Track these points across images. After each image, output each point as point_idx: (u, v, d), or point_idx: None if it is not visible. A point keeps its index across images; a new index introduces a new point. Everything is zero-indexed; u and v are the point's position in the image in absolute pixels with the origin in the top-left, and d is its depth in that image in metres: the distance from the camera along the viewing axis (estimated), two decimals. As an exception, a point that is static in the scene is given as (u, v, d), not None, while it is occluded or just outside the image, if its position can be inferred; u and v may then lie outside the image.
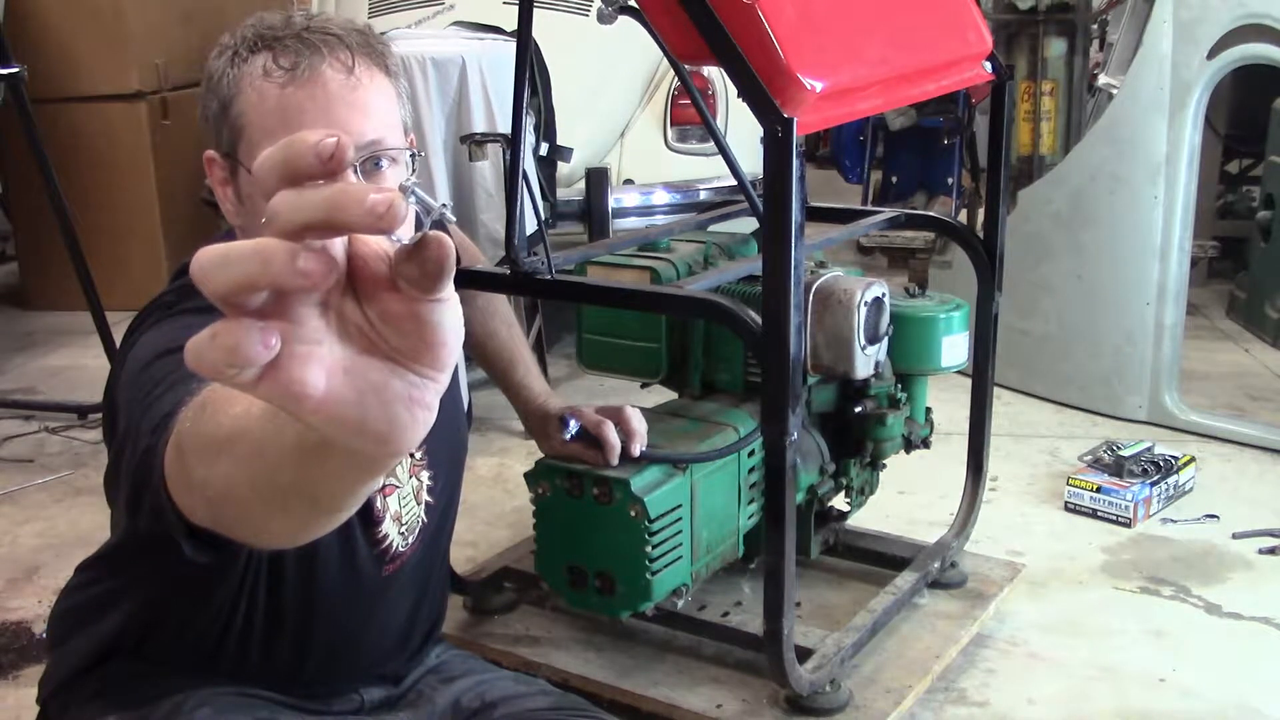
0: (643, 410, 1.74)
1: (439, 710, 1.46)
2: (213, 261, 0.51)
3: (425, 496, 1.41)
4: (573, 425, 1.66)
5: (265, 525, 0.75)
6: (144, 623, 1.32)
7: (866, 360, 1.84)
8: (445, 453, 1.47)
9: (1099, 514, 2.69)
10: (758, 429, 1.72)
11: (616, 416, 1.67)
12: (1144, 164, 3.20)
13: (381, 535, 1.35)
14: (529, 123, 2.61)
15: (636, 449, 1.66)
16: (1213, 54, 3.06)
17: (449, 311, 0.56)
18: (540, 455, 1.76)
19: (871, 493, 2.20)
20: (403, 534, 1.38)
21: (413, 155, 1.23)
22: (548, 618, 2.03)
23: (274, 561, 1.26)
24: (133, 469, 0.99)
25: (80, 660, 1.34)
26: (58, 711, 1.35)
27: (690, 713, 1.79)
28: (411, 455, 1.40)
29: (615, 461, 1.65)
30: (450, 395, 1.52)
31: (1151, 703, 2.01)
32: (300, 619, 1.32)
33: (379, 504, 1.34)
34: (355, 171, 1.14)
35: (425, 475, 1.42)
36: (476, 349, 1.79)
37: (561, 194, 3.45)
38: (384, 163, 1.18)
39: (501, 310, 1.80)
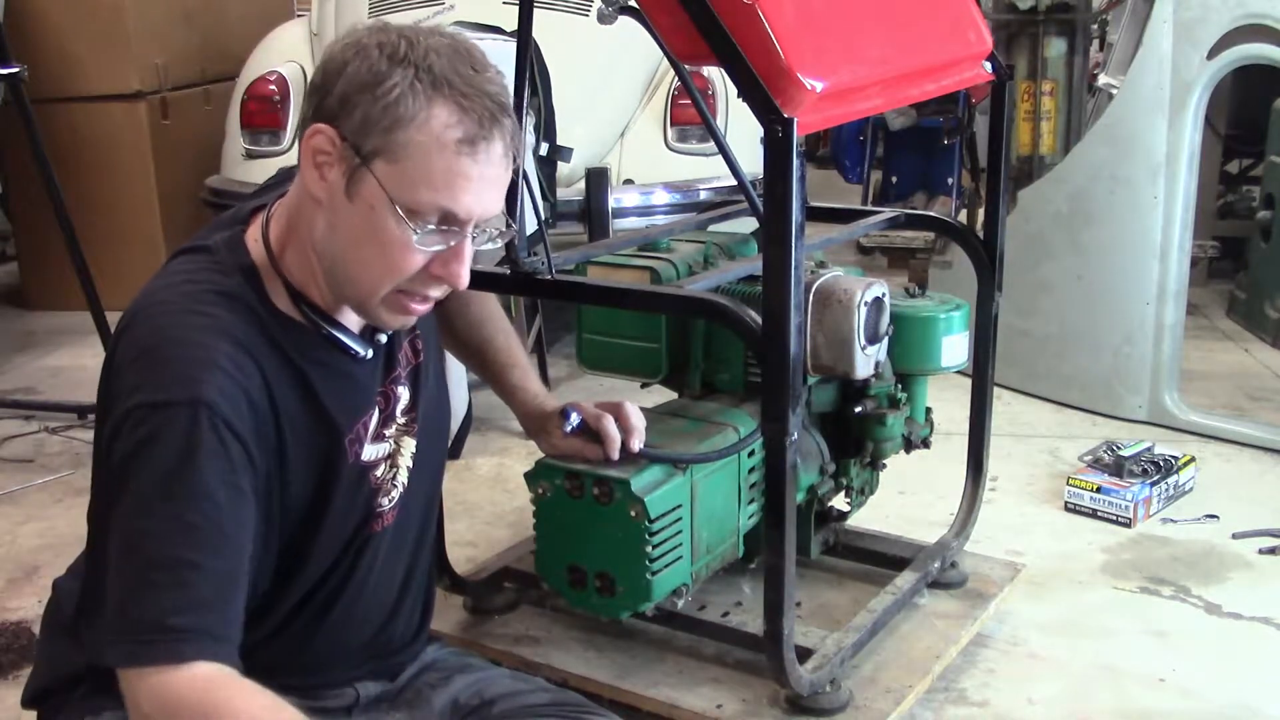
0: (643, 410, 1.74)
1: (437, 710, 1.47)
2: None
3: (407, 462, 1.45)
4: (573, 418, 1.67)
5: None
6: None
7: (866, 360, 1.84)
8: (431, 427, 1.50)
9: (1099, 514, 2.69)
10: (758, 429, 1.72)
11: (616, 411, 1.68)
12: (1144, 164, 3.20)
13: (377, 504, 1.40)
14: (529, 123, 2.61)
15: (636, 444, 1.66)
16: (1213, 54, 3.07)
17: None
18: (540, 455, 1.76)
19: (871, 493, 2.20)
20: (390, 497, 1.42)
21: (509, 224, 1.35)
22: (548, 618, 2.03)
23: (279, 514, 1.29)
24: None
25: (73, 655, 1.34)
26: (53, 709, 1.35)
27: (690, 713, 1.79)
28: (397, 420, 1.43)
29: (615, 455, 1.65)
30: (439, 375, 1.53)
31: (1151, 703, 2.01)
32: (285, 572, 1.34)
33: (373, 476, 1.38)
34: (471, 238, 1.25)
35: (410, 442, 1.44)
36: (473, 356, 1.80)
37: (561, 194, 3.45)
38: (490, 230, 1.29)
39: (496, 316, 1.81)
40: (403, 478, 1.45)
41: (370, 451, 1.38)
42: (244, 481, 1.19)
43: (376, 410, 1.39)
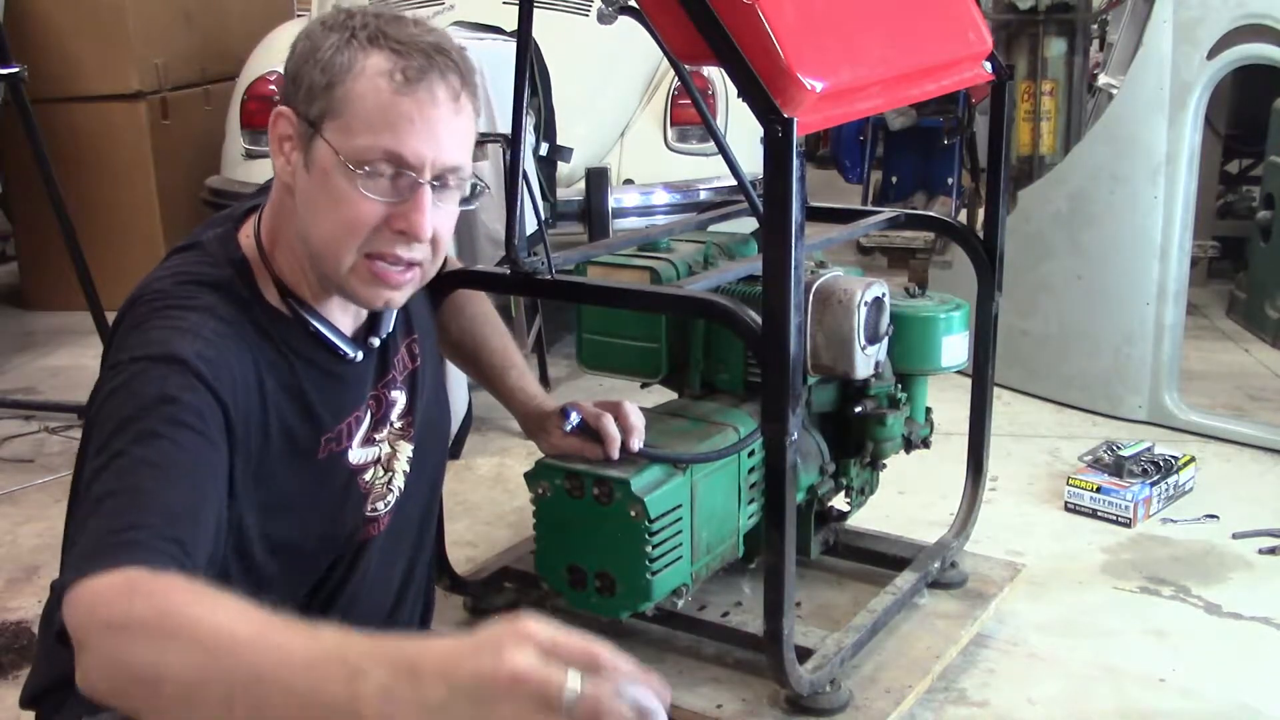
0: (643, 410, 1.74)
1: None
2: None
3: (404, 466, 1.44)
4: (573, 417, 1.67)
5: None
6: None
7: (866, 360, 1.84)
8: (429, 432, 1.50)
9: (1099, 514, 2.69)
10: (758, 429, 1.72)
11: (615, 410, 1.68)
12: (1144, 164, 3.20)
13: (371, 510, 1.40)
14: (529, 123, 2.61)
15: (635, 443, 1.66)
16: (1213, 54, 3.07)
17: None
18: (540, 455, 1.76)
19: (871, 493, 2.20)
20: (386, 501, 1.42)
21: (476, 189, 1.31)
22: (548, 618, 2.03)
23: (265, 510, 1.28)
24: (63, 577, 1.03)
25: (68, 655, 1.34)
26: (51, 709, 1.35)
27: (690, 713, 1.79)
28: (393, 424, 1.42)
29: (615, 454, 1.65)
30: (437, 380, 1.53)
31: (1151, 703, 2.01)
32: (280, 575, 1.32)
33: (361, 480, 1.38)
34: (430, 188, 1.22)
35: (407, 447, 1.43)
36: (470, 360, 1.80)
37: (561, 194, 3.45)
38: (452, 182, 1.26)
39: (492, 318, 1.81)
40: (399, 482, 1.45)
41: (359, 455, 1.38)
42: (213, 432, 1.15)
43: (368, 414, 1.39)
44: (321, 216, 1.24)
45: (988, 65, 2.00)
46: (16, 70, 3.35)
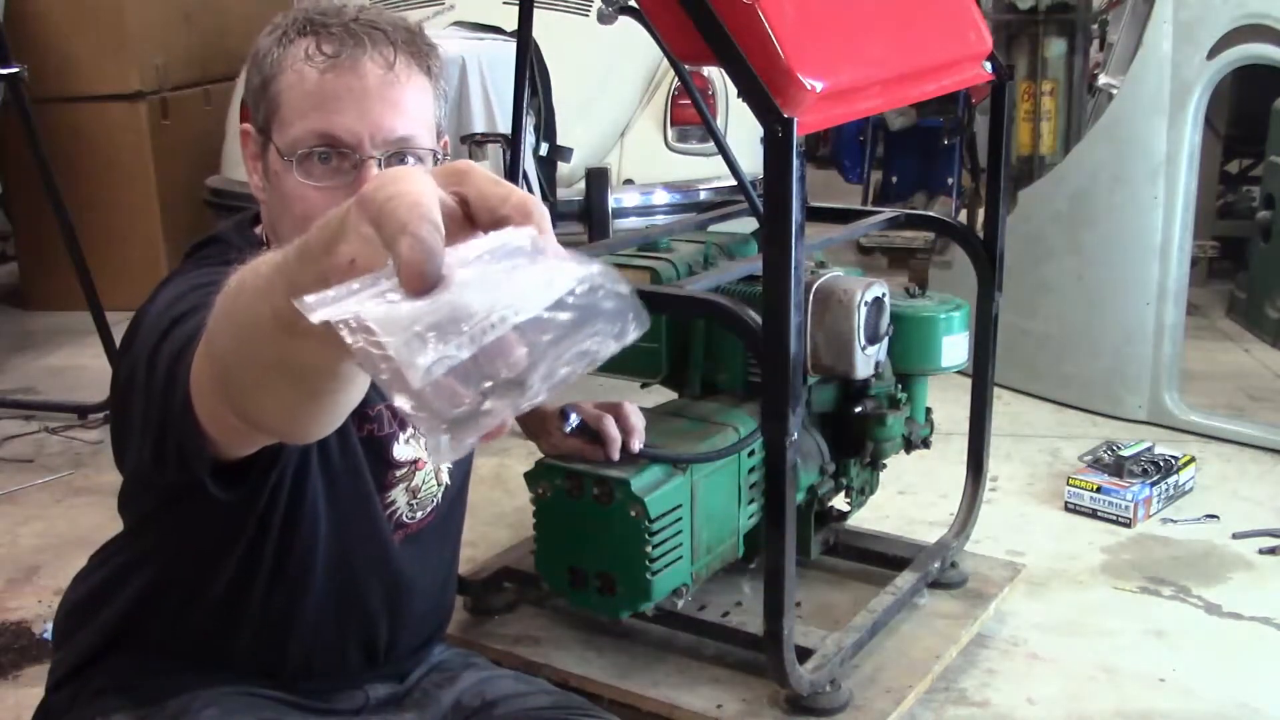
0: (643, 410, 1.74)
1: (443, 709, 1.46)
2: None
3: (444, 477, 1.44)
4: (573, 418, 1.67)
5: (260, 404, 0.83)
6: (148, 604, 1.32)
7: (866, 360, 1.84)
8: None
9: (1099, 514, 2.69)
10: (758, 429, 1.72)
11: (615, 411, 1.68)
12: (1144, 164, 3.20)
13: (389, 501, 1.37)
14: (529, 123, 2.61)
15: (636, 444, 1.66)
16: (1213, 54, 3.07)
17: None
18: (540, 455, 1.76)
19: (871, 493, 2.20)
20: (411, 505, 1.40)
21: (437, 156, 1.24)
22: (548, 618, 2.03)
23: (288, 518, 1.26)
24: (159, 390, 0.99)
25: (86, 651, 1.34)
26: (64, 705, 1.35)
27: (690, 713, 1.79)
28: None
29: (615, 455, 1.65)
30: None
31: (1151, 703, 2.01)
32: (309, 578, 1.31)
33: (391, 475, 1.36)
34: (379, 165, 1.16)
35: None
36: None
37: (561, 194, 3.45)
38: (410, 160, 1.20)
39: None
40: (444, 477, 1.44)
41: (403, 452, 1.37)
42: None
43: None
44: (284, 224, 1.21)
45: (988, 65, 2.00)
46: (16, 70, 3.35)
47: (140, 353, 1.05)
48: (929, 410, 2.14)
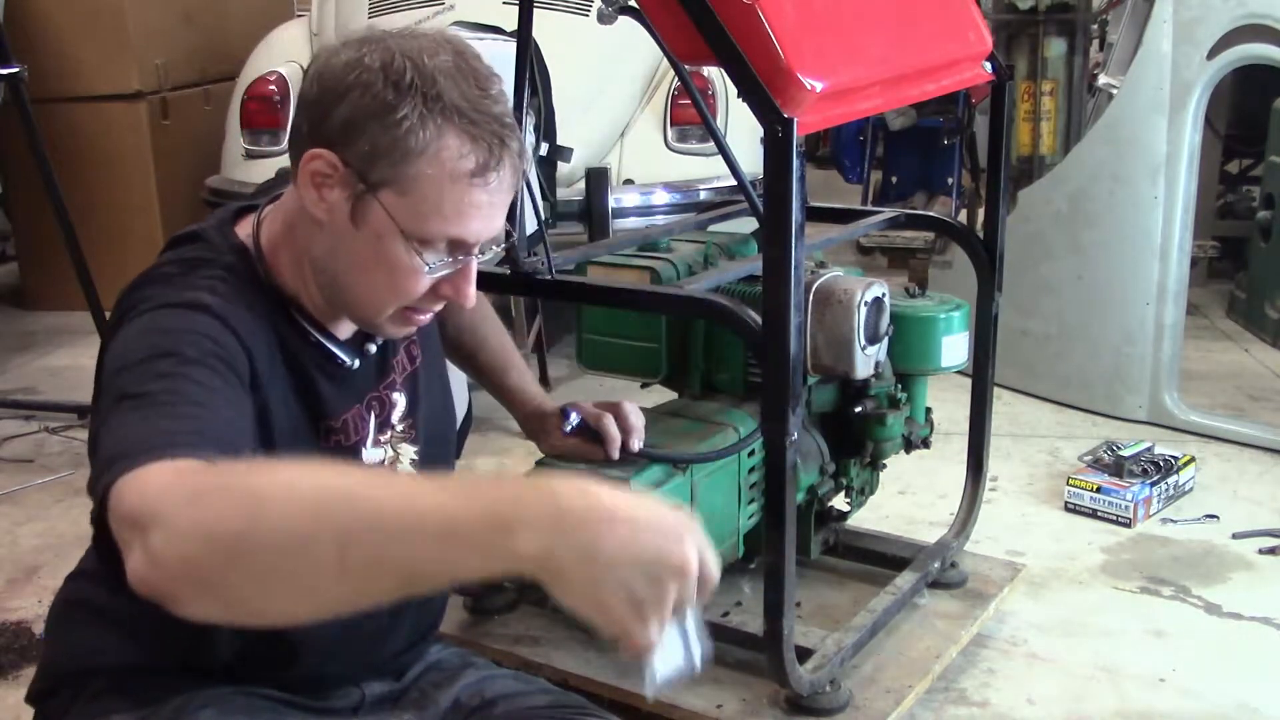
0: (643, 410, 1.74)
1: (441, 708, 1.46)
2: None
3: (407, 468, 1.44)
4: (573, 417, 1.67)
5: (262, 605, 0.90)
6: (139, 604, 1.31)
7: (866, 360, 1.84)
8: (434, 435, 1.49)
9: (1099, 514, 2.69)
10: (758, 429, 1.72)
11: (615, 411, 1.67)
12: (1144, 164, 3.20)
13: None
14: (529, 123, 2.61)
15: (635, 444, 1.66)
16: (1213, 54, 3.07)
17: None
18: (540, 456, 1.76)
19: (871, 493, 2.20)
20: None
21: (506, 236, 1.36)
22: (548, 618, 2.03)
23: None
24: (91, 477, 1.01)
25: (81, 651, 1.34)
26: (61, 707, 1.35)
27: (690, 713, 1.79)
28: (394, 427, 1.42)
29: (615, 455, 1.65)
30: (440, 379, 1.53)
31: (1151, 703, 2.01)
32: None
33: (365, 457, 1.37)
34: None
35: (409, 449, 1.43)
36: (469, 360, 1.80)
37: (561, 194, 3.44)
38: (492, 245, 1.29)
39: (490, 318, 1.80)
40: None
41: (371, 455, 1.38)
42: (242, 374, 1.16)
43: (371, 415, 1.38)
44: (368, 275, 1.24)
45: (988, 65, 2.00)
46: (16, 70, 3.35)
47: (104, 392, 1.12)
48: (929, 410, 2.14)
